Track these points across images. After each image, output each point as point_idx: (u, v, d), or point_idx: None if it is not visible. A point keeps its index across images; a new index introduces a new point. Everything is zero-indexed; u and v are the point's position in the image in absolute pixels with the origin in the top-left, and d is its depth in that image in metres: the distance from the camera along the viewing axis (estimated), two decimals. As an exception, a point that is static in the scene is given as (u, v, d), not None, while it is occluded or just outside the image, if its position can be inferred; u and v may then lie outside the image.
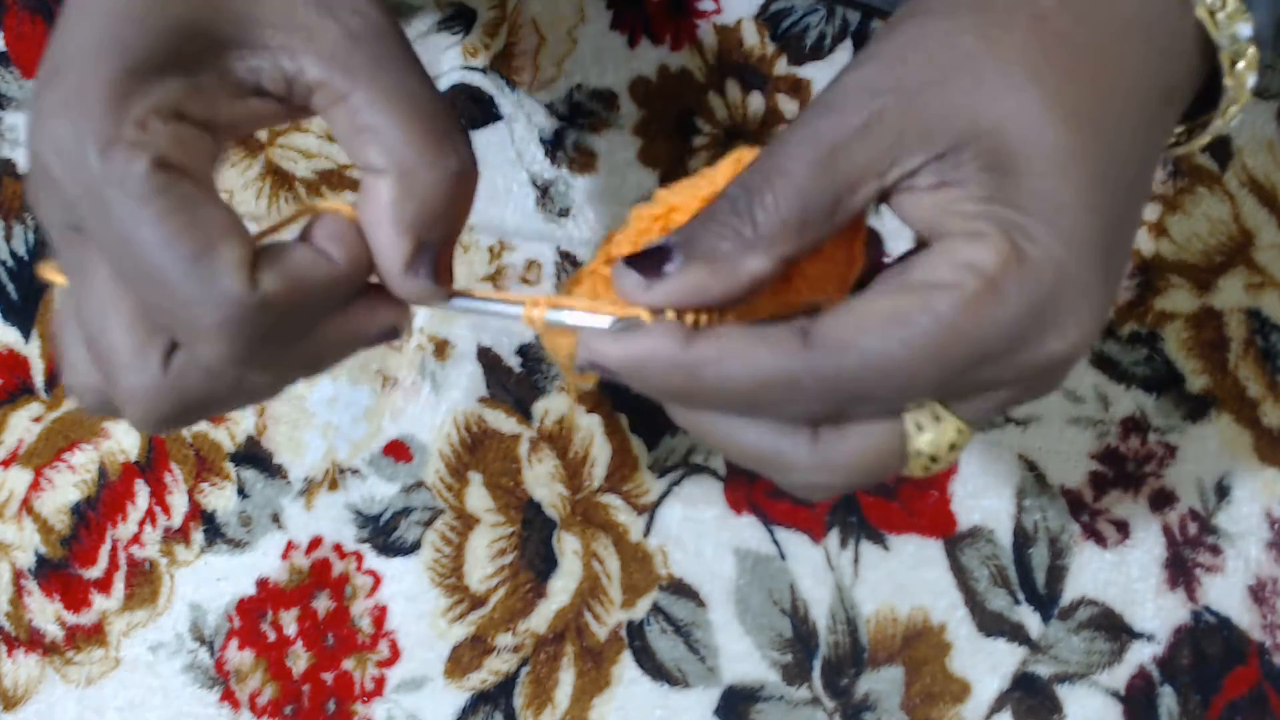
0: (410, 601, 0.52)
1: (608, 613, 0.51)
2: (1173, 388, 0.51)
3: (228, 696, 0.52)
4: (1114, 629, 0.50)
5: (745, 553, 0.51)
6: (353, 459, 0.52)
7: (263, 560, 0.52)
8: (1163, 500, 0.51)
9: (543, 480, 0.52)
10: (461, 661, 0.51)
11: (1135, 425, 0.51)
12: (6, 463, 0.53)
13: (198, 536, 0.53)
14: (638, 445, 0.52)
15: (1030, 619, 0.50)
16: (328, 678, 0.51)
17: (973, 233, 0.27)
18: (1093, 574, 0.51)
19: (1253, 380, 0.51)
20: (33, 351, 0.54)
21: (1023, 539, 0.51)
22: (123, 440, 0.53)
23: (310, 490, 0.52)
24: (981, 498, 0.51)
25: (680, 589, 0.51)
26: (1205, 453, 0.51)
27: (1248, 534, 0.51)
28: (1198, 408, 0.51)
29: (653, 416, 0.52)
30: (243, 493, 0.53)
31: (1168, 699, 0.50)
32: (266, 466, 0.53)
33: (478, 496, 0.52)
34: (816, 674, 0.50)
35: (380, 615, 0.52)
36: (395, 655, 0.51)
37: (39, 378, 0.54)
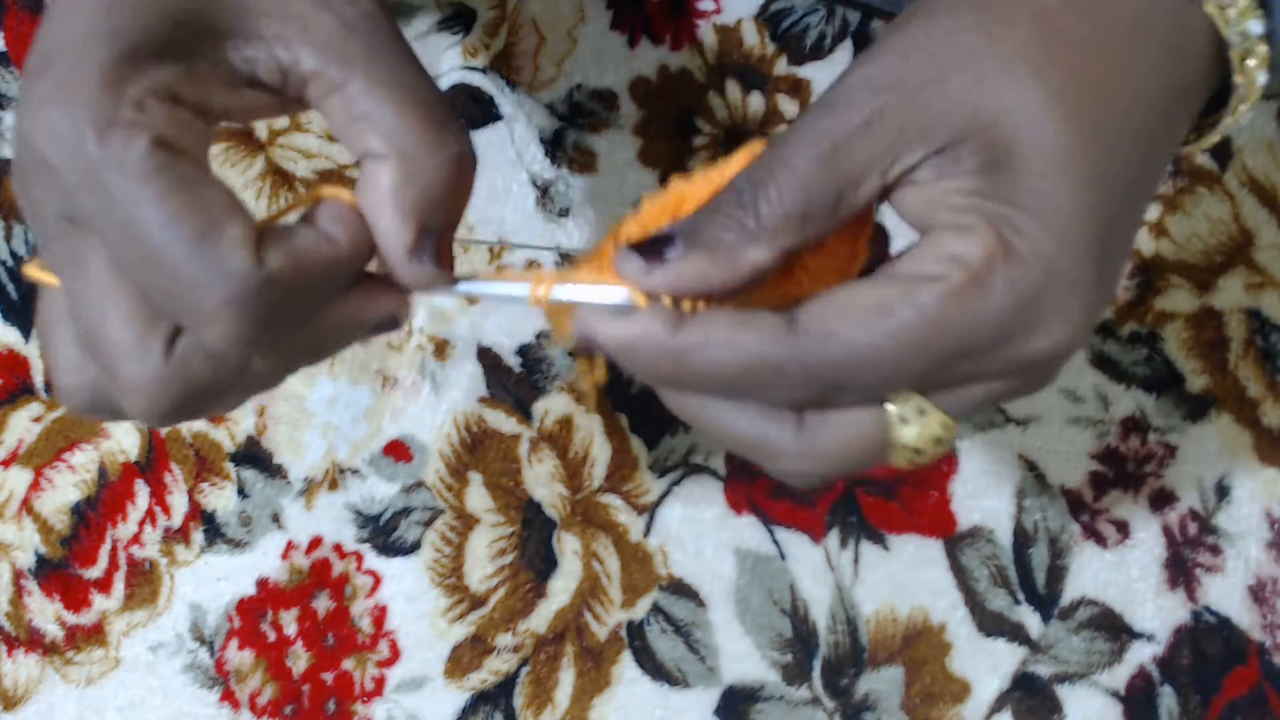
0: (410, 601, 0.52)
1: (608, 613, 0.51)
2: (1173, 388, 0.51)
3: (228, 696, 0.52)
4: (1114, 629, 0.50)
5: (745, 553, 0.51)
6: (353, 459, 0.52)
7: (263, 560, 0.52)
8: (1163, 500, 0.51)
9: (543, 480, 0.52)
10: (461, 661, 0.51)
11: (1135, 425, 0.51)
12: (6, 463, 0.53)
13: (198, 536, 0.53)
14: (638, 445, 0.52)
15: (1030, 619, 0.50)
16: (328, 678, 0.51)
17: (961, 226, 0.27)
18: (1093, 574, 0.51)
19: (1253, 380, 0.51)
20: (33, 351, 0.54)
21: (1023, 539, 0.51)
22: (123, 440, 0.53)
23: (310, 490, 0.52)
24: (981, 498, 0.51)
25: (680, 589, 0.51)
26: (1205, 453, 0.51)
27: (1248, 534, 0.51)
28: (1198, 408, 0.51)
29: (653, 416, 0.52)
30: (243, 493, 0.53)
31: (1168, 699, 0.50)
32: (266, 466, 0.53)
33: (478, 496, 0.52)
34: (816, 674, 0.50)
35: (380, 615, 0.52)
36: (395, 655, 0.51)
37: (39, 378, 0.54)
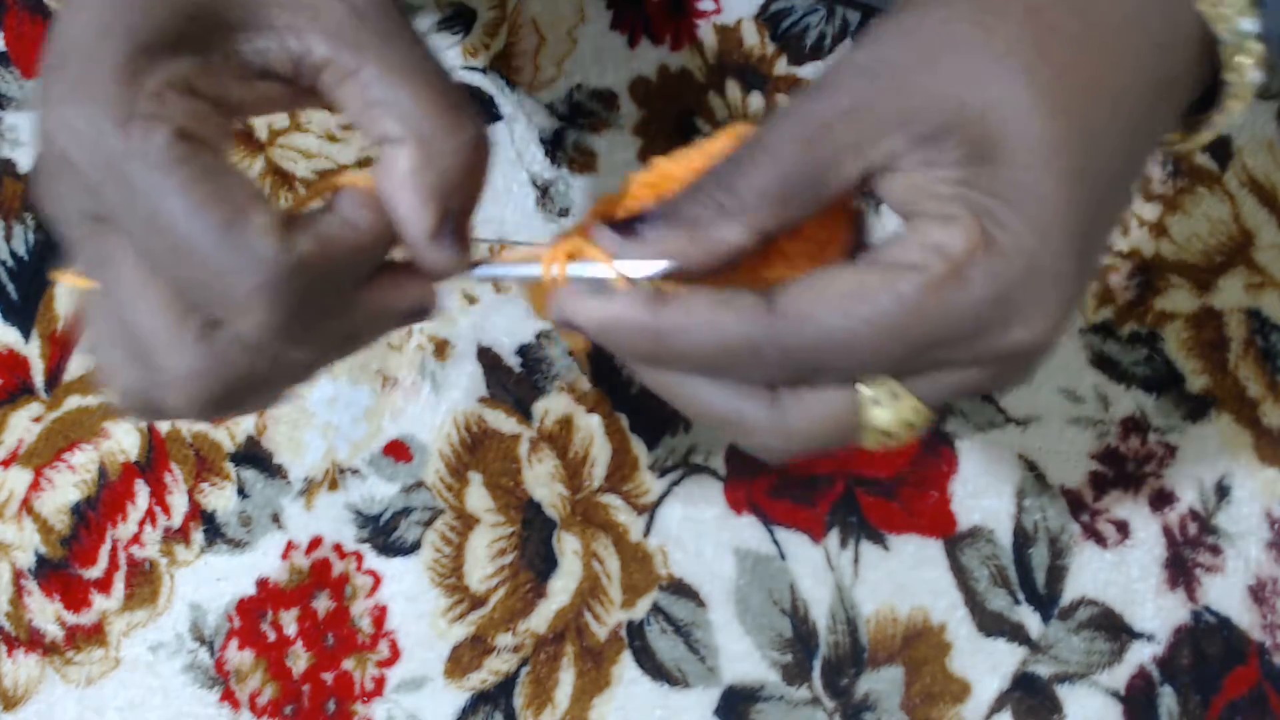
0: (410, 601, 0.52)
1: (608, 613, 0.51)
2: (1173, 388, 0.51)
3: (228, 696, 0.52)
4: (1114, 629, 0.50)
5: (745, 553, 0.51)
6: (353, 459, 0.52)
7: (263, 560, 0.52)
8: (1163, 500, 0.51)
9: (543, 480, 0.52)
10: (461, 661, 0.51)
11: (1135, 425, 0.51)
12: (6, 463, 0.53)
13: (198, 536, 0.52)
14: (638, 445, 0.52)
15: (1030, 619, 0.50)
16: (328, 678, 0.51)
17: (944, 215, 0.27)
18: (1093, 574, 0.51)
19: (1253, 380, 0.51)
20: (33, 351, 0.54)
21: (1023, 539, 0.51)
22: (123, 440, 0.53)
23: (310, 490, 0.52)
24: (981, 498, 0.51)
25: (680, 589, 0.51)
26: (1205, 453, 0.51)
27: (1248, 534, 0.51)
28: (1198, 408, 0.51)
29: (653, 416, 0.52)
30: (243, 493, 0.53)
31: (1168, 699, 0.50)
32: (266, 466, 0.53)
33: (478, 496, 0.52)
34: (816, 674, 0.50)
35: (380, 615, 0.52)
36: (395, 655, 0.51)
37: (39, 378, 0.54)
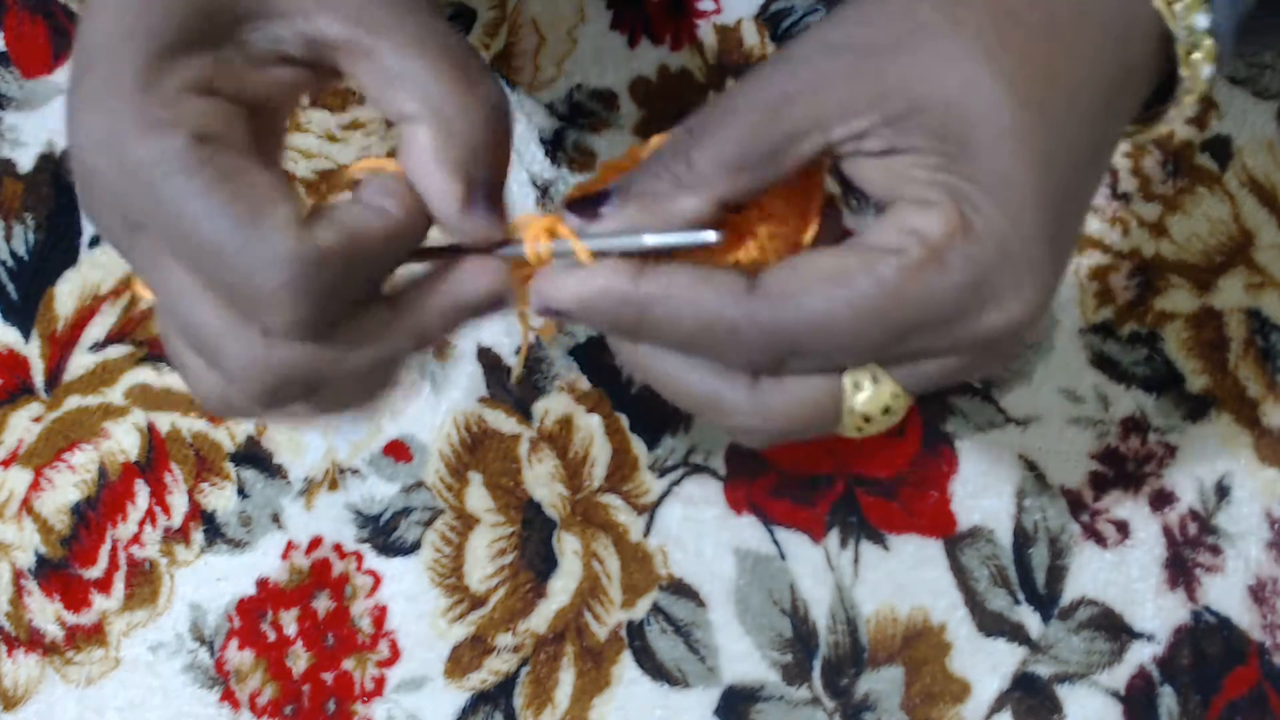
0: (410, 601, 0.52)
1: (608, 613, 0.51)
2: (1173, 388, 0.51)
3: (228, 696, 0.52)
4: (1114, 629, 0.50)
5: (745, 553, 0.51)
6: (353, 459, 0.52)
7: (263, 560, 0.52)
8: (1163, 500, 0.51)
9: (543, 480, 0.52)
10: (461, 661, 0.51)
11: (1135, 425, 0.51)
12: (6, 463, 0.53)
13: (198, 536, 0.53)
14: (638, 445, 0.52)
15: (1030, 619, 0.50)
16: (328, 678, 0.51)
17: (923, 200, 0.27)
18: (1093, 574, 0.51)
19: (1253, 380, 0.51)
20: (33, 351, 0.54)
21: (1023, 539, 0.51)
22: (123, 440, 0.53)
23: (310, 490, 0.52)
24: (981, 498, 0.51)
25: (680, 589, 0.51)
26: (1205, 453, 0.51)
27: (1248, 534, 0.51)
28: (1198, 408, 0.51)
29: (653, 416, 0.52)
30: (243, 493, 0.53)
31: (1168, 699, 0.50)
32: (266, 466, 0.53)
33: (478, 496, 0.52)
34: (816, 674, 0.50)
35: (380, 615, 0.52)
36: (395, 655, 0.51)
37: (39, 378, 0.54)
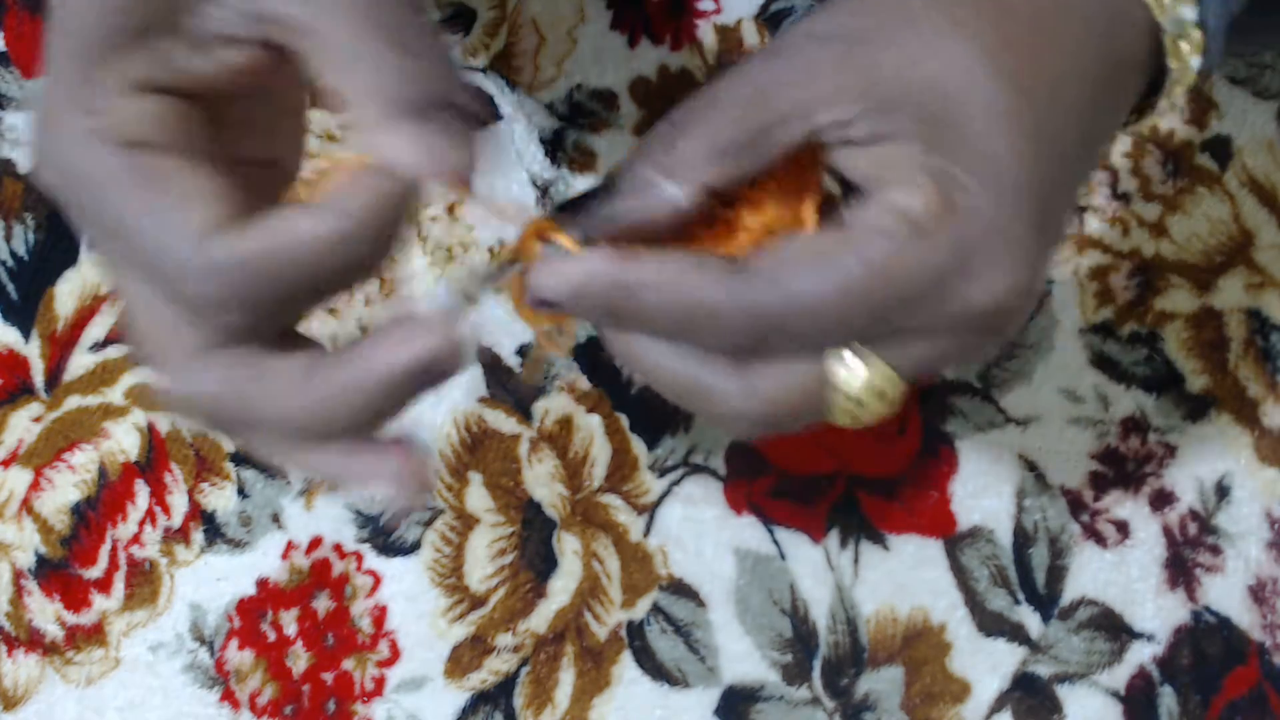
0: (410, 601, 0.52)
1: (608, 613, 0.51)
2: (1173, 388, 0.51)
3: (228, 696, 0.52)
4: (1114, 629, 0.50)
5: (745, 553, 0.51)
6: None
7: (263, 560, 0.52)
8: (1163, 500, 0.51)
9: (543, 480, 0.52)
10: (461, 661, 0.51)
11: (1135, 425, 0.51)
12: (6, 463, 0.53)
13: (198, 536, 0.53)
14: (638, 445, 0.52)
15: (1030, 619, 0.50)
16: (328, 678, 0.51)
17: (906, 181, 0.27)
18: (1093, 574, 0.51)
19: (1253, 380, 0.51)
20: (33, 351, 0.54)
21: (1023, 539, 0.51)
22: (123, 440, 0.53)
23: (310, 490, 0.52)
24: (981, 498, 0.51)
25: (680, 589, 0.51)
26: (1205, 453, 0.51)
27: (1248, 534, 0.51)
28: (1198, 408, 0.51)
29: (653, 416, 0.52)
30: (243, 493, 0.53)
31: (1168, 699, 0.50)
32: (266, 466, 0.53)
33: (478, 496, 0.52)
34: (816, 674, 0.50)
35: (380, 615, 0.52)
36: (395, 655, 0.51)
37: (39, 378, 0.54)
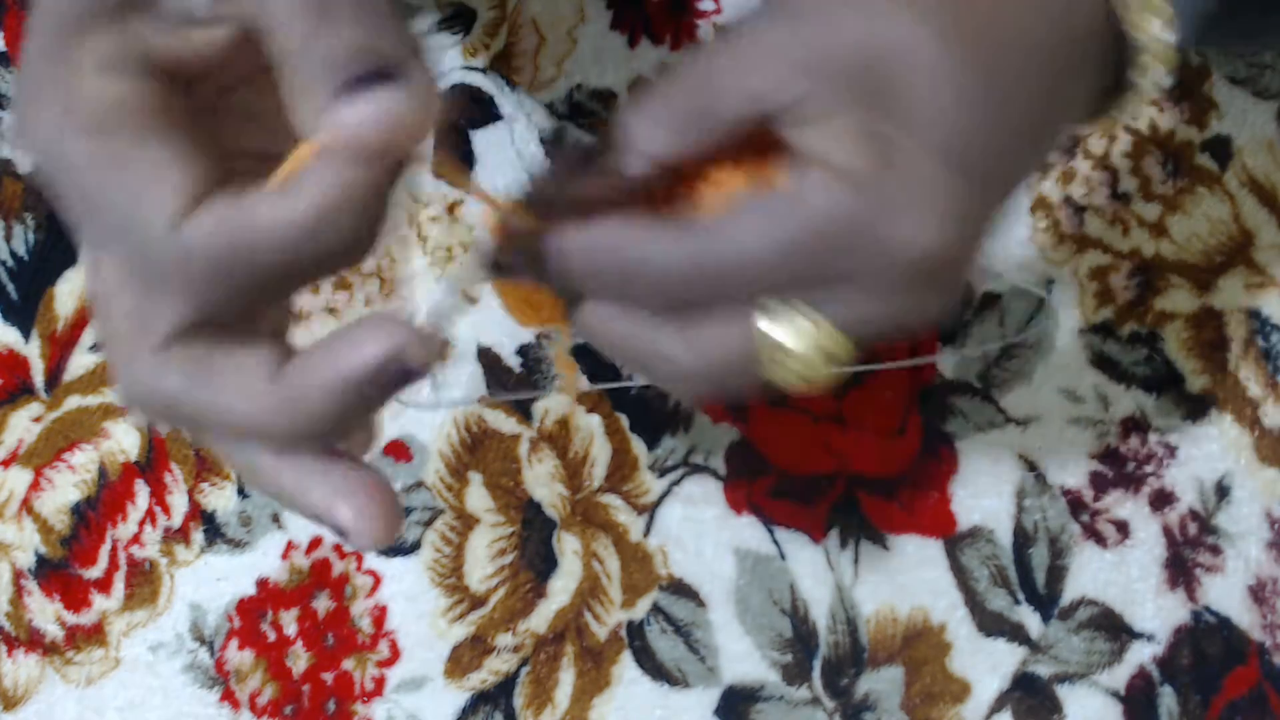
0: (410, 601, 0.52)
1: (608, 613, 0.51)
2: (1173, 388, 0.51)
3: (228, 696, 0.52)
4: (1114, 629, 0.50)
5: (745, 553, 0.51)
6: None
7: (263, 560, 0.52)
8: (1163, 500, 0.51)
9: (543, 480, 0.52)
10: (461, 661, 0.51)
11: (1135, 425, 0.51)
12: (6, 463, 0.53)
13: (198, 536, 0.53)
14: (638, 445, 0.52)
15: (1030, 619, 0.50)
16: (328, 678, 0.51)
17: (842, 139, 0.28)
18: (1093, 574, 0.51)
19: (1253, 380, 0.51)
20: (33, 351, 0.54)
21: (1023, 539, 0.51)
22: (123, 440, 0.53)
23: (310, 490, 0.52)
24: (981, 498, 0.51)
25: (680, 589, 0.51)
26: (1205, 453, 0.51)
27: (1248, 534, 0.51)
28: (1198, 408, 0.51)
29: (653, 416, 0.52)
30: (243, 493, 0.53)
31: (1168, 699, 0.50)
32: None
33: (478, 496, 0.52)
34: (816, 674, 0.50)
35: (380, 615, 0.52)
36: (395, 655, 0.51)
37: (39, 378, 0.54)
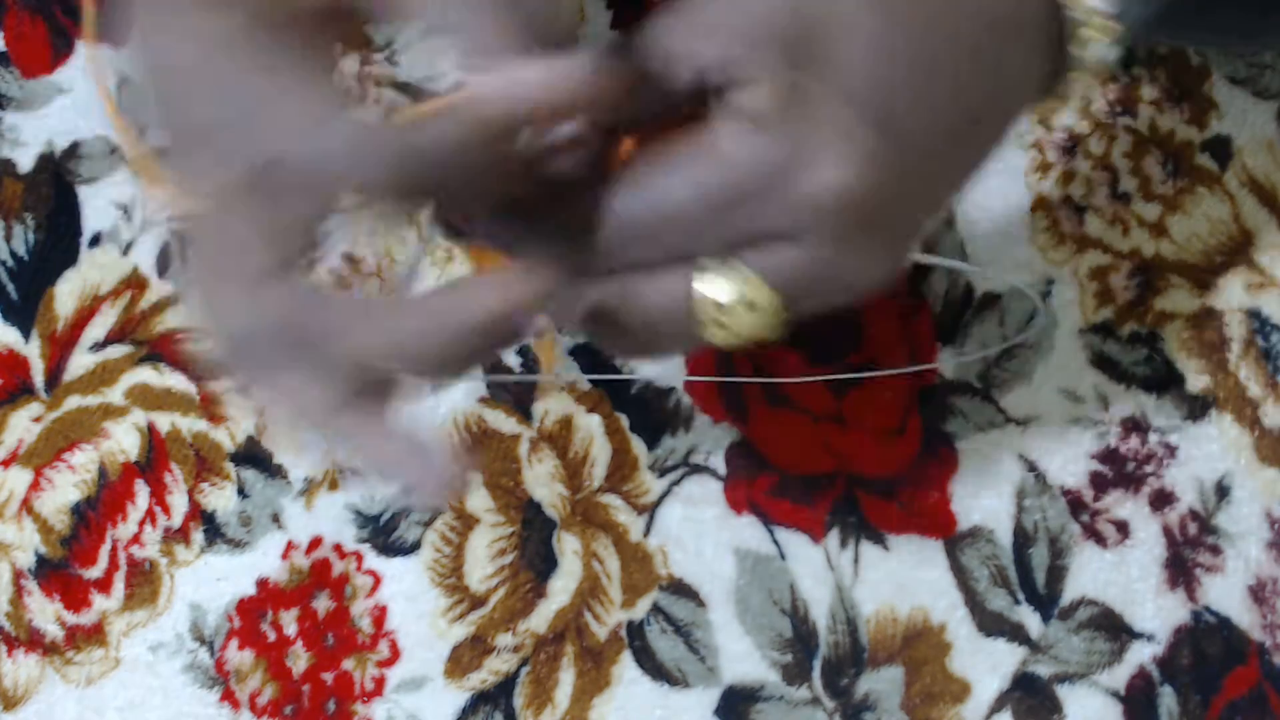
0: (410, 601, 0.52)
1: (608, 613, 0.51)
2: (1173, 388, 0.51)
3: (228, 696, 0.52)
4: (1114, 629, 0.50)
5: (745, 553, 0.51)
6: (353, 459, 0.52)
7: (263, 560, 0.52)
8: (1163, 500, 0.51)
9: (543, 480, 0.52)
10: (461, 661, 0.51)
11: (1135, 425, 0.51)
12: (6, 463, 0.53)
13: (198, 536, 0.53)
14: (638, 445, 0.52)
15: (1030, 619, 0.50)
16: (328, 678, 0.51)
17: (765, 92, 0.29)
18: (1093, 574, 0.51)
19: (1253, 380, 0.51)
20: (33, 351, 0.54)
21: (1023, 539, 0.51)
22: (123, 440, 0.53)
23: (310, 490, 0.52)
24: (981, 498, 0.51)
25: (680, 589, 0.51)
26: (1205, 453, 0.51)
27: (1248, 534, 0.51)
28: (1198, 408, 0.51)
29: (653, 416, 0.52)
30: (243, 493, 0.53)
31: (1168, 699, 0.50)
32: (266, 466, 0.53)
33: (478, 496, 0.52)
34: (816, 674, 0.50)
35: (380, 615, 0.52)
36: (395, 655, 0.51)
37: (39, 378, 0.54)
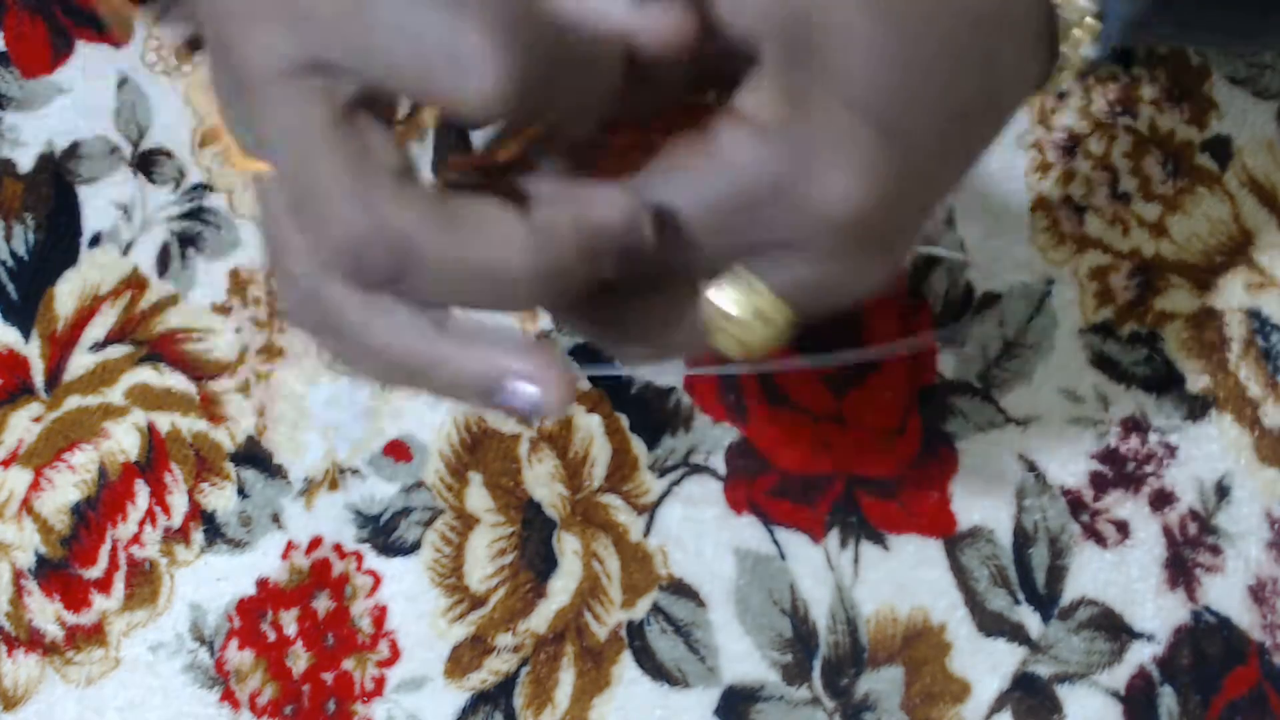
0: (410, 601, 0.52)
1: (608, 613, 0.51)
2: (1173, 388, 0.51)
3: (228, 696, 0.52)
4: (1114, 629, 0.50)
5: (745, 553, 0.51)
6: (353, 459, 0.52)
7: (263, 560, 0.52)
8: (1163, 500, 0.51)
9: (543, 480, 0.52)
10: (461, 661, 0.51)
11: (1135, 425, 0.51)
12: (6, 463, 0.53)
13: (198, 536, 0.53)
14: (638, 445, 0.52)
15: (1030, 619, 0.50)
16: (328, 678, 0.51)
17: (768, 95, 0.28)
18: (1093, 574, 0.51)
19: (1253, 380, 0.51)
20: (33, 351, 0.54)
21: (1023, 539, 0.51)
22: (123, 440, 0.53)
23: (310, 490, 0.52)
24: (981, 498, 0.51)
25: (680, 589, 0.51)
26: (1205, 453, 0.51)
27: (1248, 534, 0.51)
28: (1198, 408, 0.51)
29: (653, 416, 0.52)
30: (243, 493, 0.53)
31: (1168, 699, 0.50)
32: (266, 466, 0.53)
33: (478, 496, 0.52)
34: (816, 674, 0.50)
35: (380, 615, 0.52)
36: (395, 655, 0.51)
37: (39, 378, 0.54)
